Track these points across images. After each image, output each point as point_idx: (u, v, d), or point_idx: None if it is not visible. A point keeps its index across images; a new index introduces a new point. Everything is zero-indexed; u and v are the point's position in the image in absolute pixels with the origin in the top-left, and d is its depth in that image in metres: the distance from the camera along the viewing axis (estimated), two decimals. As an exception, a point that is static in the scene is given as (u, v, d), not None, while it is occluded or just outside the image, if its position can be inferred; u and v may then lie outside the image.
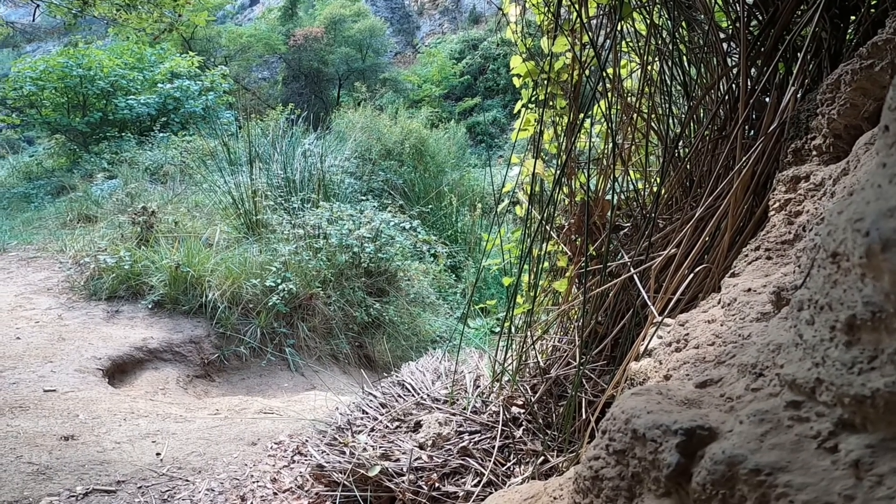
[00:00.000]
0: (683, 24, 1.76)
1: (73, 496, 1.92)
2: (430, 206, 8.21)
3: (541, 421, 1.70)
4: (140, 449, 2.34)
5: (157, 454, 2.30)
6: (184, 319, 4.34)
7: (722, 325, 1.05)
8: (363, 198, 7.08)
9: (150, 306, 4.41)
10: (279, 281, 4.59)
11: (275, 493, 2.01)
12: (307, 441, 2.36)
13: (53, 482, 1.99)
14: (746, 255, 1.23)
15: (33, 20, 13.88)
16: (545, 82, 2.00)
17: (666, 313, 1.32)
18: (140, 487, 2.02)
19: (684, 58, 1.78)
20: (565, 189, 2.13)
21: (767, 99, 1.44)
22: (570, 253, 2.10)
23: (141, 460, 2.23)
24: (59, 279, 4.97)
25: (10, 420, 2.50)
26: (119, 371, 3.63)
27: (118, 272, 4.61)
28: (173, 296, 4.45)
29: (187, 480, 2.10)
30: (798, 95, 1.32)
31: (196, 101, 11.19)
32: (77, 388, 3.01)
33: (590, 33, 1.82)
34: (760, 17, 1.53)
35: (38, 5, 10.20)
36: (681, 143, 1.84)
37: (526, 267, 2.05)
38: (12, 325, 3.91)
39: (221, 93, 12.05)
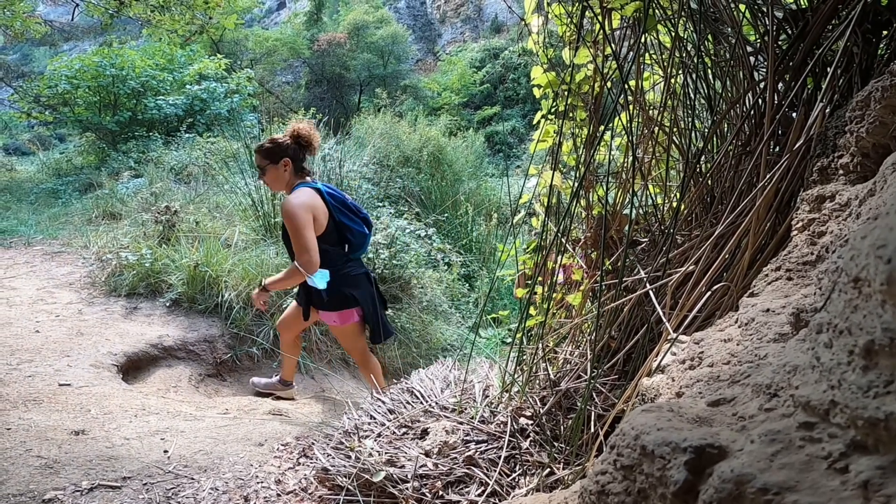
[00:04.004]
0: (709, 37, 1.73)
1: (79, 491, 1.92)
2: (445, 215, 8.22)
3: (548, 433, 1.67)
4: (148, 446, 2.35)
5: (165, 451, 2.31)
6: (199, 318, 4.39)
7: (738, 345, 1.03)
8: (380, 204, 7.11)
9: (167, 304, 4.47)
10: (294, 283, 4.60)
11: (278, 495, 2.00)
12: (313, 444, 2.35)
13: (60, 476, 2.00)
14: (766, 275, 1.20)
15: (72, 19, 14.30)
16: (566, 93, 1.99)
17: (681, 330, 1.29)
18: (145, 484, 2.02)
19: (709, 71, 1.76)
20: (583, 202, 2.11)
21: (794, 115, 1.41)
22: (585, 267, 2.07)
23: (148, 457, 2.24)
24: (82, 274, 5.06)
25: (23, 413, 2.53)
26: (133, 367, 3.67)
27: (139, 269, 4.68)
28: (190, 295, 4.51)
29: (192, 479, 2.11)
30: (826, 112, 1.28)
31: (221, 102, 11.40)
32: (91, 384, 3.05)
33: (612, 45, 1.81)
34: (790, 32, 1.50)
35: (77, 4, 10.52)
36: (703, 159, 1.81)
37: (539, 279, 2.03)
38: (32, 318, 3.98)
39: (246, 95, 12.26)
